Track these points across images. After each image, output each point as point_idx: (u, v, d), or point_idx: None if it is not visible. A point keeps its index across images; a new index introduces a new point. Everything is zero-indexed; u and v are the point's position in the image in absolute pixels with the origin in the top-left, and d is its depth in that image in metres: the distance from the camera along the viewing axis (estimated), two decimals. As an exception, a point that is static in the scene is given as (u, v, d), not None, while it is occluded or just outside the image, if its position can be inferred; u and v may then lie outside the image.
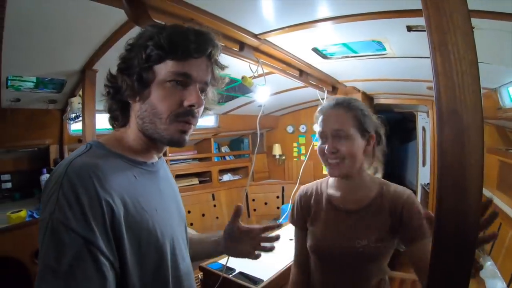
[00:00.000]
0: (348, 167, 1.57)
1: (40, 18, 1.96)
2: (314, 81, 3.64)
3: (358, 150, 1.59)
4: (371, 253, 1.56)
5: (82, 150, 1.05)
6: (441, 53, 0.81)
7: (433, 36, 0.82)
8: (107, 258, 0.89)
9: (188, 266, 1.28)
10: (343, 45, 2.76)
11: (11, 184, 4.62)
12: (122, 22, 2.08)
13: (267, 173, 7.49)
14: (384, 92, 4.88)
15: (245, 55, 2.35)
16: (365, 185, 1.68)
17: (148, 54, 1.04)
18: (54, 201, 0.86)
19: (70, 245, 0.83)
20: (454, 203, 0.80)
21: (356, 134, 1.58)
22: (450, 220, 0.81)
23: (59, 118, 4.39)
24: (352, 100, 1.67)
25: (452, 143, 0.80)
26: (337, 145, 1.56)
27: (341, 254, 1.62)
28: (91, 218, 0.87)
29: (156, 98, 1.07)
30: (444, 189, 0.82)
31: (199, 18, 1.86)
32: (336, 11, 2.07)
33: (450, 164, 0.81)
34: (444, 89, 0.80)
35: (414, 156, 6.52)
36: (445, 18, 0.80)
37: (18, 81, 3.07)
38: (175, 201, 1.33)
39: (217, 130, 5.92)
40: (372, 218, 1.60)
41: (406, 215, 1.51)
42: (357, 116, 1.60)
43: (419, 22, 2.07)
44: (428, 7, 0.83)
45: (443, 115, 0.80)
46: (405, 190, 1.61)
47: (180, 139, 1.12)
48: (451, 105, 0.79)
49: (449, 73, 0.79)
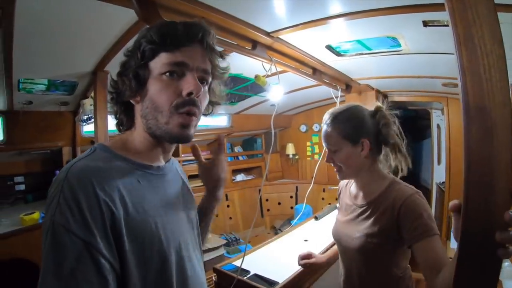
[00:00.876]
0: (346, 172, 1.77)
1: (50, 21, 1.95)
2: (328, 79, 3.60)
3: (351, 157, 1.72)
4: (362, 246, 1.66)
5: (85, 153, 1.06)
6: (467, 48, 0.77)
7: (458, 30, 0.78)
8: (108, 261, 0.89)
9: (197, 270, 1.26)
10: (357, 41, 2.72)
11: (24, 186, 4.67)
12: (132, 23, 2.07)
13: (280, 173, 7.49)
14: (398, 89, 4.83)
15: (258, 53, 2.32)
16: (374, 183, 1.77)
17: (142, 51, 1.06)
18: (55, 205, 0.87)
19: (71, 248, 0.84)
20: (481, 203, 0.78)
21: (345, 145, 1.72)
22: (477, 220, 0.79)
23: (71, 120, 4.42)
24: (337, 114, 1.78)
25: (479, 141, 0.77)
26: (331, 157, 1.77)
27: (345, 243, 1.80)
28: (91, 221, 0.87)
29: (154, 92, 1.07)
30: (471, 188, 0.79)
31: (210, 17, 1.84)
32: (349, 7, 2.03)
33: (477, 163, 0.78)
34: (471, 85, 0.77)
35: (428, 154, 6.46)
36: (470, 10, 0.76)
37: (30, 83, 3.08)
38: (184, 205, 1.31)
39: (230, 130, 5.91)
40: (371, 213, 1.69)
41: (403, 215, 1.52)
42: (341, 129, 1.73)
43: (436, 16, 2.04)
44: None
45: (470, 112, 0.77)
46: (408, 190, 1.61)
47: (183, 134, 1.10)
48: (478, 102, 0.76)
49: (476, 68, 0.76)
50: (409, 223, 1.48)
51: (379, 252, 1.62)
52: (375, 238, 1.60)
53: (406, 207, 1.51)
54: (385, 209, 1.60)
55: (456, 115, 4.79)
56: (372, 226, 1.64)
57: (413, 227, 1.46)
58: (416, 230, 1.45)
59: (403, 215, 1.51)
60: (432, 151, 6.02)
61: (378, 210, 1.64)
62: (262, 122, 6.21)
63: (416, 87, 4.53)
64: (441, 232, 4.82)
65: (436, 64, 3.08)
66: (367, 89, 4.40)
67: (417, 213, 1.48)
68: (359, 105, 1.82)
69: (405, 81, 4.12)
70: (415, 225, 1.46)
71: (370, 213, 1.69)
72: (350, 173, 1.78)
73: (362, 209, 1.75)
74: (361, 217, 1.74)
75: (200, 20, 1.15)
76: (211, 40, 1.14)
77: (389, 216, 1.57)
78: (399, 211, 1.52)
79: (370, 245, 1.61)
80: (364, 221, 1.71)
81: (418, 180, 7.30)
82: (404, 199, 1.54)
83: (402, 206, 1.52)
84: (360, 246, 1.65)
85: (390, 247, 1.60)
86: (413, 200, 1.53)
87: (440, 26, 2.13)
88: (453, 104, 4.80)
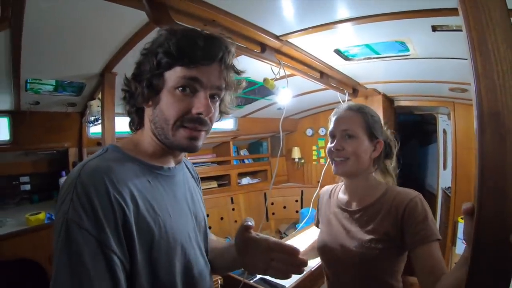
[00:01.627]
0: (351, 166, 1.65)
1: (59, 22, 1.95)
2: (335, 83, 3.60)
3: (364, 151, 1.66)
4: (364, 254, 1.56)
5: (98, 153, 1.09)
6: (481, 53, 0.78)
7: (472, 34, 0.79)
8: (119, 258, 0.92)
9: (203, 273, 1.27)
10: (366, 46, 2.71)
11: (30, 186, 4.67)
12: (142, 24, 2.06)
13: (286, 177, 7.46)
14: (405, 94, 4.81)
15: (267, 57, 2.32)
16: (370, 187, 1.72)
17: (158, 61, 1.06)
18: (68, 202, 0.89)
19: (84, 245, 0.86)
20: (495, 208, 0.78)
21: (363, 136, 1.67)
22: (491, 224, 0.79)
23: (78, 121, 4.43)
24: (364, 106, 1.75)
25: (493, 147, 0.77)
26: (343, 143, 1.67)
27: (341, 254, 1.67)
28: (103, 219, 0.89)
29: (165, 104, 1.08)
30: (485, 194, 0.79)
31: (220, 19, 1.84)
32: (358, 12, 2.02)
33: (491, 168, 0.78)
34: (485, 91, 0.77)
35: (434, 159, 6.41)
36: (484, 15, 0.77)
37: (37, 84, 3.09)
38: (193, 207, 1.32)
39: (236, 133, 5.90)
40: (369, 219, 1.63)
41: (407, 219, 1.49)
42: (366, 119, 1.68)
43: (445, 21, 2.03)
44: (466, 3, 0.79)
45: (483, 118, 0.78)
46: (410, 193, 1.58)
47: (190, 145, 1.12)
48: (492, 107, 0.76)
49: (490, 74, 0.76)
50: (413, 225, 1.46)
51: (381, 260, 1.56)
52: (380, 244, 1.54)
53: (411, 209, 1.49)
54: (387, 212, 1.57)
55: (463, 120, 4.77)
56: (374, 231, 1.58)
57: (416, 231, 1.44)
58: (418, 234, 1.43)
59: (407, 218, 1.48)
60: (438, 156, 5.99)
61: (379, 214, 1.60)
62: (269, 126, 6.18)
63: (423, 91, 4.51)
64: (446, 237, 4.84)
65: (444, 68, 3.07)
66: (373, 94, 4.39)
67: (422, 216, 1.47)
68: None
69: (412, 86, 4.10)
70: (418, 228, 1.44)
71: (369, 218, 1.64)
72: (354, 169, 1.66)
73: (358, 215, 1.69)
74: (358, 223, 1.67)
75: (221, 34, 1.14)
76: (230, 60, 1.14)
77: (392, 219, 1.53)
78: (403, 213, 1.50)
79: (374, 252, 1.55)
80: (362, 227, 1.64)
81: (423, 185, 7.27)
82: (408, 201, 1.51)
83: (407, 208, 1.50)
84: (361, 254, 1.57)
85: (393, 253, 1.56)
86: (417, 202, 1.51)
87: (449, 31, 2.12)
88: (460, 109, 4.77)
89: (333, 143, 1.71)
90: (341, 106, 1.80)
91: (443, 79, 3.59)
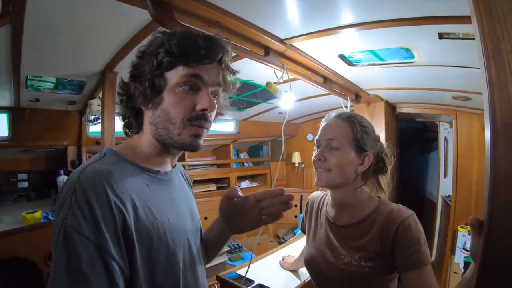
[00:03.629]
0: (333, 178, 1.58)
1: (61, 19, 1.93)
2: (338, 89, 3.59)
3: (348, 164, 1.58)
4: (353, 272, 1.51)
5: (96, 158, 1.09)
6: (495, 62, 0.75)
7: (486, 44, 0.76)
8: (118, 264, 0.91)
9: (201, 277, 1.28)
10: (370, 52, 2.70)
11: (27, 184, 4.65)
12: (145, 24, 2.04)
13: (285, 181, 7.43)
14: (408, 101, 4.82)
15: (271, 60, 2.29)
16: (361, 202, 1.65)
17: (160, 61, 1.07)
18: (67, 207, 0.89)
19: (83, 251, 0.85)
20: (507, 224, 0.75)
21: (349, 148, 1.59)
22: (501, 243, 0.77)
23: (78, 120, 4.43)
24: (355, 115, 1.68)
25: (505, 158, 0.75)
26: (326, 154, 1.59)
27: (327, 269, 1.62)
28: (102, 224, 0.89)
29: (169, 104, 1.09)
30: (496, 209, 0.77)
31: (224, 21, 1.82)
32: (363, 17, 2.01)
33: (503, 179, 0.75)
34: (499, 100, 0.75)
35: (435, 167, 6.41)
36: (499, 24, 0.74)
37: (38, 81, 3.08)
38: (189, 211, 1.33)
39: (237, 136, 5.90)
40: (360, 236, 1.56)
41: (400, 239, 1.42)
42: (355, 130, 1.60)
43: (452, 29, 2.01)
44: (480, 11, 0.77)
45: (497, 128, 0.75)
46: (404, 212, 1.50)
47: (194, 143, 1.14)
48: (506, 118, 0.74)
49: (504, 83, 0.74)
50: (406, 248, 1.40)
51: (371, 279, 1.50)
52: (370, 262, 1.49)
53: (404, 230, 1.42)
54: (378, 230, 1.50)
55: (465, 128, 4.75)
56: (364, 249, 1.52)
57: (408, 254, 1.39)
58: (410, 258, 1.39)
59: (399, 238, 1.42)
60: (439, 164, 5.98)
61: (370, 232, 1.53)
62: (269, 130, 6.18)
63: (426, 99, 4.50)
64: (445, 246, 4.83)
65: (447, 76, 3.06)
66: (376, 100, 4.39)
67: (415, 238, 1.41)
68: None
69: (415, 93, 4.09)
70: (411, 251, 1.39)
71: (359, 235, 1.57)
72: (337, 181, 1.59)
73: (348, 231, 1.62)
74: (347, 239, 1.60)
75: (219, 35, 1.18)
76: (228, 60, 1.17)
77: (383, 238, 1.47)
78: (396, 233, 1.43)
79: (364, 270, 1.49)
80: (351, 243, 1.58)
81: (423, 193, 7.27)
82: (401, 221, 1.44)
83: (399, 228, 1.43)
84: (350, 273, 1.52)
85: (384, 271, 1.50)
86: (410, 222, 1.44)
87: (455, 39, 2.10)
88: (462, 118, 4.76)
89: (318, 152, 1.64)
90: (332, 113, 1.73)
91: (446, 87, 3.58)
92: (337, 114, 1.69)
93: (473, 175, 4.66)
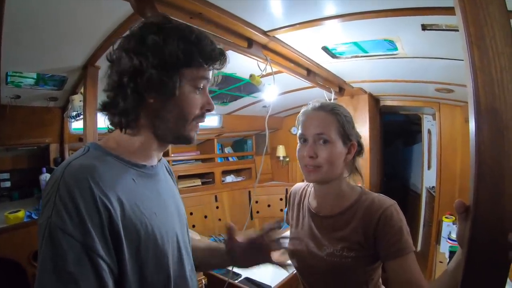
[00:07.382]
0: (325, 173, 1.54)
1: (41, 12, 1.90)
2: (321, 81, 3.59)
3: (338, 157, 1.56)
4: (336, 262, 1.50)
5: (80, 153, 1.06)
6: (479, 47, 0.76)
7: (470, 30, 0.77)
8: (106, 263, 0.89)
9: (190, 271, 1.27)
10: (354, 44, 2.70)
11: (10, 183, 4.58)
12: (126, 16, 2.02)
13: (270, 175, 7.46)
14: (391, 93, 4.83)
15: (254, 52, 2.29)
16: (343, 193, 1.63)
17: (177, 56, 1.04)
18: (52, 205, 0.86)
19: (69, 250, 0.83)
20: (493, 208, 0.77)
21: (338, 140, 1.55)
22: (487, 225, 0.78)
23: (60, 116, 4.37)
24: (337, 106, 1.64)
25: (490, 144, 0.76)
26: (317, 150, 1.54)
27: (311, 261, 1.60)
28: (88, 221, 0.87)
29: (186, 102, 1.11)
30: (481, 191, 0.77)
31: (207, 12, 1.81)
32: (346, 8, 2.00)
33: (487, 164, 0.76)
34: (483, 86, 0.76)
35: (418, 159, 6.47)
36: (482, 10, 0.75)
37: (18, 77, 3.03)
38: (175, 205, 1.31)
39: (221, 131, 5.88)
40: (343, 227, 1.55)
41: (381, 229, 1.42)
42: (341, 122, 1.57)
43: (435, 20, 2.02)
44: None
45: (481, 113, 0.76)
46: (385, 201, 1.50)
47: (194, 138, 1.19)
48: (489, 103, 0.75)
49: (488, 69, 0.75)
50: (388, 237, 1.40)
51: (354, 269, 1.50)
52: (352, 252, 1.48)
53: (386, 219, 1.42)
54: (360, 220, 1.49)
55: (448, 120, 4.79)
56: (347, 239, 1.51)
57: (390, 243, 1.39)
58: (393, 246, 1.38)
59: (382, 227, 1.42)
60: (423, 156, 6.03)
61: (352, 222, 1.52)
62: (254, 124, 6.19)
63: (409, 91, 4.53)
64: (430, 236, 4.89)
65: (430, 68, 3.09)
66: (360, 93, 4.41)
67: (397, 227, 1.40)
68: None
69: (398, 86, 4.11)
70: (393, 240, 1.39)
71: (341, 226, 1.55)
72: (328, 176, 1.56)
73: (330, 221, 1.60)
74: (330, 230, 1.59)
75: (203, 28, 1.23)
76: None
77: (365, 227, 1.46)
78: (378, 223, 1.42)
79: (346, 261, 1.48)
80: (334, 234, 1.56)
81: (407, 184, 7.35)
82: (383, 210, 1.44)
83: (382, 217, 1.42)
84: (333, 263, 1.51)
85: (367, 261, 1.50)
86: (392, 212, 1.43)
87: (438, 30, 2.11)
88: (445, 110, 4.79)
89: (305, 147, 1.58)
90: (310, 105, 1.68)
91: (429, 79, 3.60)
92: (319, 105, 1.64)
93: (457, 166, 4.71)
